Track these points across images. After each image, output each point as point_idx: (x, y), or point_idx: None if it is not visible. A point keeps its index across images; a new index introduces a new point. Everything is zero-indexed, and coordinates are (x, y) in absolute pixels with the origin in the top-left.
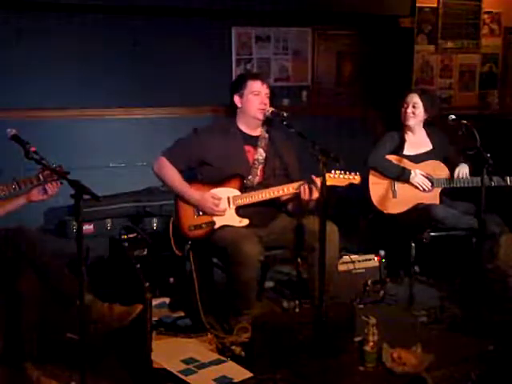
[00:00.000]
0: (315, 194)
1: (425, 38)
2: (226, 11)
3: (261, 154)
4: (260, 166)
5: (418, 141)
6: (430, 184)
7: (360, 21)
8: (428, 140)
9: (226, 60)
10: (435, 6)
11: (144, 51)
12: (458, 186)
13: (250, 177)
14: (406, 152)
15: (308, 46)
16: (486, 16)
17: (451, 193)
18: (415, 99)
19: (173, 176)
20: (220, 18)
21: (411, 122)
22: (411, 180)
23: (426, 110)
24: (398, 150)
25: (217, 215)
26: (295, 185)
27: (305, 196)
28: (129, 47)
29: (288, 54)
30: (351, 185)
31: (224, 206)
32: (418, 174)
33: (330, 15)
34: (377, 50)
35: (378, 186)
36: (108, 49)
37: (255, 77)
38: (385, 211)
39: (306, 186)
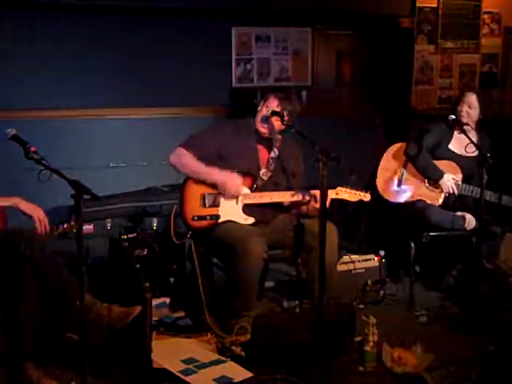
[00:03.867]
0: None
1: (425, 38)
2: (226, 11)
3: (275, 152)
4: (273, 165)
5: (465, 141)
6: (456, 191)
7: (360, 21)
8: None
9: (226, 60)
10: (435, 6)
11: (144, 51)
12: (469, 194)
13: (263, 171)
14: (450, 146)
15: (308, 46)
16: (486, 16)
17: None
18: (472, 99)
19: (193, 162)
20: (220, 18)
21: (464, 121)
22: (440, 182)
23: (480, 112)
24: (443, 142)
25: (231, 196)
26: (306, 192)
27: (315, 204)
28: (129, 47)
29: (288, 53)
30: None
31: (232, 205)
32: (449, 179)
33: (330, 15)
34: (377, 49)
35: (386, 172)
36: (108, 49)
37: (277, 96)
38: (385, 197)
39: (318, 195)
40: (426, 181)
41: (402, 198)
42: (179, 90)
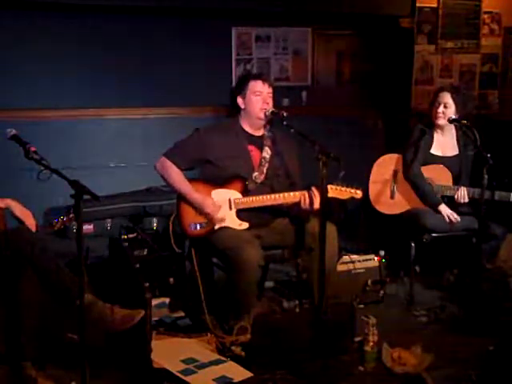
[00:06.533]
0: (315, 205)
1: (425, 38)
2: (226, 11)
3: (267, 152)
4: (266, 165)
5: (445, 142)
6: (458, 218)
7: (360, 21)
8: (456, 144)
9: (226, 60)
10: (435, 6)
11: (144, 51)
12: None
13: (255, 173)
14: (432, 151)
15: (308, 45)
16: (485, 16)
17: None
18: (447, 99)
19: (175, 177)
20: (220, 18)
21: (441, 121)
22: (439, 208)
23: (457, 110)
24: (425, 147)
25: (216, 222)
26: (297, 193)
27: (305, 205)
28: (129, 47)
29: (288, 53)
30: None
31: (223, 212)
32: (446, 209)
33: (330, 15)
34: (377, 50)
35: (377, 185)
36: (108, 49)
37: (256, 77)
38: (379, 210)
39: (307, 196)
40: None
41: (395, 210)
42: (179, 89)
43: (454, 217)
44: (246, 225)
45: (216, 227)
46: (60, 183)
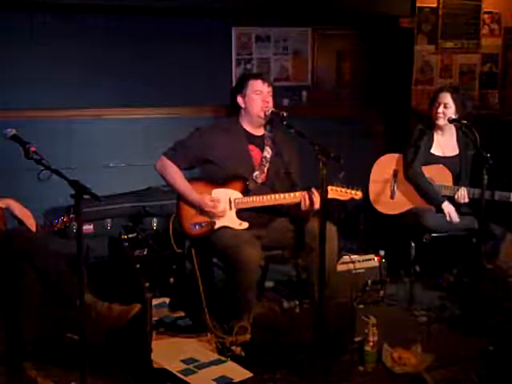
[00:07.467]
0: (316, 205)
1: (425, 38)
2: (226, 11)
3: (268, 152)
4: (267, 165)
5: (445, 142)
6: (457, 217)
7: (360, 21)
8: (456, 144)
9: (225, 60)
10: (435, 6)
11: (144, 51)
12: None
13: (256, 173)
14: (432, 151)
15: (308, 46)
16: (486, 16)
17: None
18: (447, 99)
19: (174, 176)
20: (220, 18)
21: (441, 121)
22: (442, 206)
23: (457, 111)
24: (426, 147)
25: (216, 216)
26: (297, 194)
27: (305, 206)
28: (129, 47)
29: (288, 53)
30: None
31: (224, 206)
32: (449, 206)
33: (330, 15)
34: (377, 49)
35: (377, 185)
36: (108, 49)
37: (256, 76)
38: (379, 210)
39: (307, 196)
40: None
41: (396, 210)
42: (179, 89)
43: (453, 216)
44: (245, 225)
45: (216, 227)
46: (60, 183)
